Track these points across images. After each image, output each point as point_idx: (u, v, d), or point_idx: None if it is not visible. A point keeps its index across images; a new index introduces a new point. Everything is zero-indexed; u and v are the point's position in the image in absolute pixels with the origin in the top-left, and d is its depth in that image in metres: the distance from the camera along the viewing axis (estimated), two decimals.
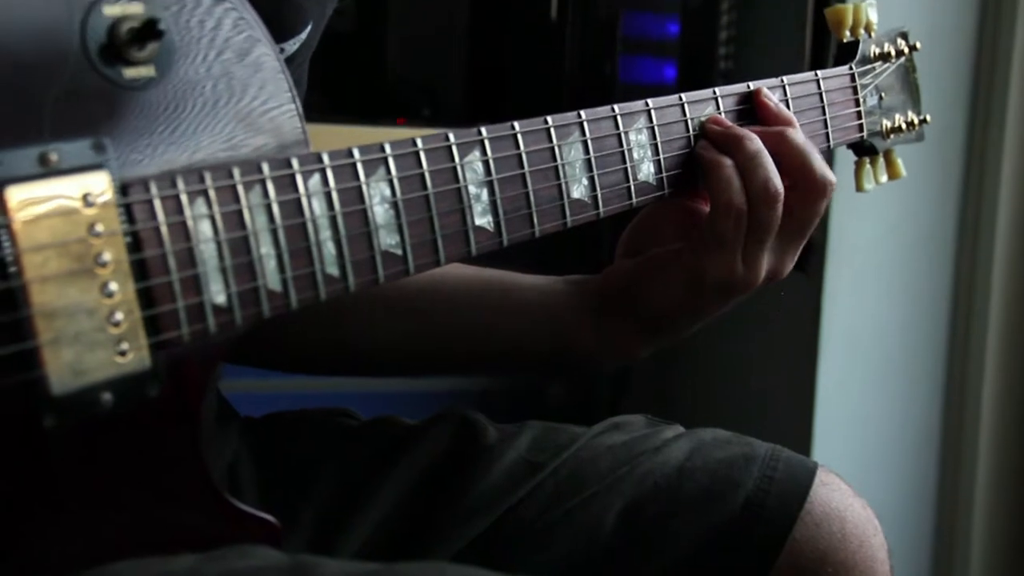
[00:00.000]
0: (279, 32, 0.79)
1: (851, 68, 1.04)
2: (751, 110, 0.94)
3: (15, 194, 0.61)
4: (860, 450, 2.07)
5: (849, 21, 1.03)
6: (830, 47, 1.89)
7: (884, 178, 1.08)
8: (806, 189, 0.91)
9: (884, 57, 1.05)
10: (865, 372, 2.07)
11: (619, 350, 0.97)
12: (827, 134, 1.00)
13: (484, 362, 1.05)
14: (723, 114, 0.92)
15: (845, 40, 1.04)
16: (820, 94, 0.99)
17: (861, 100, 1.04)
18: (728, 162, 0.89)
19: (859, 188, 1.08)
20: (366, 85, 1.96)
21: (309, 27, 0.91)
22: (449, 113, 1.95)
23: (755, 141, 0.90)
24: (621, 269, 0.95)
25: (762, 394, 2.18)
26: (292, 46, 0.89)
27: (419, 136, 0.76)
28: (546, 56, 1.97)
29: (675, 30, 1.99)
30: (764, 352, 2.19)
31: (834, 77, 1.02)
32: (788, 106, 0.96)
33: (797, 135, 0.92)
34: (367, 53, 1.97)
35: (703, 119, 0.91)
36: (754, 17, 2.06)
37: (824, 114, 1.00)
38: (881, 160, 1.08)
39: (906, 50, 1.08)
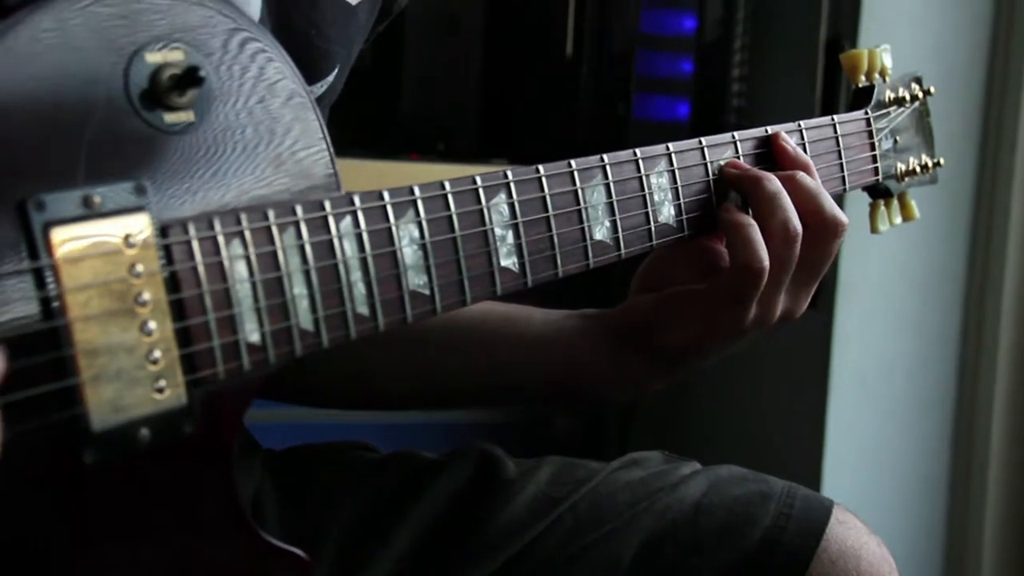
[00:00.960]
0: (308, 76, 0.81)
1: (867, 113, 1.05)
2: (768, 154, 0.96)
3: (60, 235, 0.63)
4: (870, 486, 2.07)
5: (864, 66, 1.05)
6: (841, 86, 1.91)
7: (898, 220, 1.10)
8: (819, 230, 0.92)
9: (899, 102, 1.07)
10: (875, 409, 2.07)
11: (633, 384, 0.98)
12: (843, 177, 1.02)
13: (499, 396, 1.07)
14: (741, 157, 0.94)
15: (861, 85, 1.06)
16: (837, 138, 1.01)
17: (876, 144, 1.06)
18: (749, 221, 0.90)
19: (874, 230, 1.10)
20: (381, 120, 1.97)
21: (336, 70, 0.93)
22: (463, 149, 1.96)
23: (774, 182, 0.91)
24: (639, 305, 0.96)
25: (772, 430, 2.19)
26: (320, 89, 0.91)
27: (444, 178, 0.77)
28: (560, 93, 1.98)
29: (689, 68, 2.01)
30: (774, 388, 2.20)
31: (850, 122, 1.03)
32: (805, 150, 0.97)
33: (806, 178, 0.93)
34: (382, 88, 1.99)
35: (722, 162, 0.93)
36: (767, 56, 2.08)
37: (841, 158, 1.02)
38: (895, 202, 1.10)
39: (920, 94, 1.09)
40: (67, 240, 0.63)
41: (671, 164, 0.90)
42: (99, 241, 0.65)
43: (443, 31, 2.08)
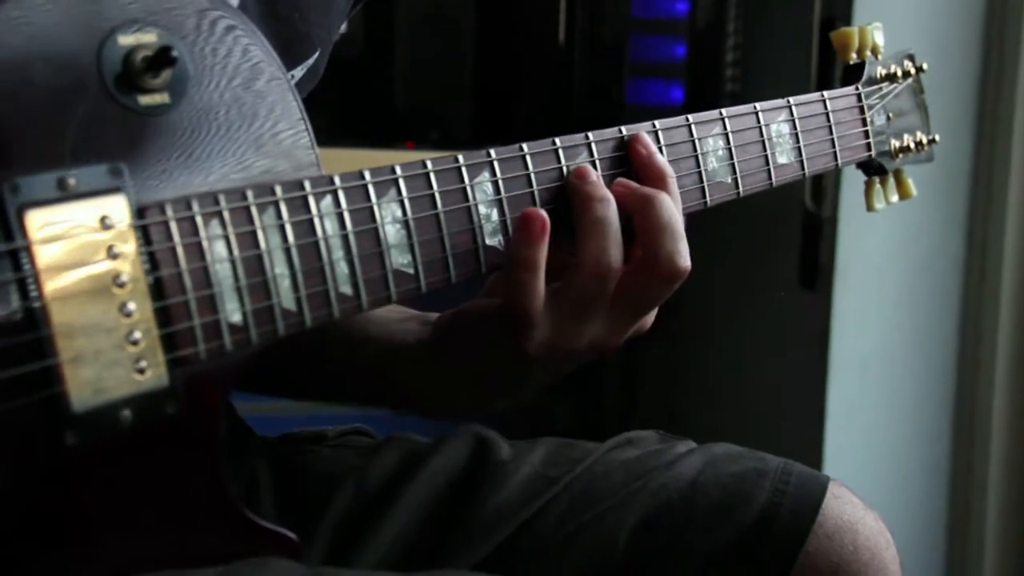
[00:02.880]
0: (287, 59, 0.81)
1: (857, 88, 1.05)
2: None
3: (35, 218, 0.63)
4: (871, 466, 2.07)
5: (855, 43, 1.04)
6: (835, 68, 1.91)
7: (895, 198, 1.09)
8: (651, 267, 0.83)
9: (891, 78, 1.07)
10: (875, 389, 2.07)
11: (448, 400, 0.92)
12: (835, 153, 1.01)
13: (358, 394, 1.00)
14: (597, 162, 0.85)
15: (851, 62, 1.05)
16: (827, 114, 1.01)
17: (869, 120, 1.05)
18: (534, 260, 0.79)
19: (869, 208, 1.09)
20: (375, 109, 1.97)
21: (317, 53, 0.93)
22: (458, 136, 1.96)
23: (603, 205, 0.81)
24: (445, 316, 0.90)
25: (772, 412, 2.19)
26: (300, 71, 0.91)
27: (428, 158, 0.77)
28: (554, 79, 1.98)
29: (682, 52, 2.00)
30: (773, 370, 2.19)
31: (840, 97, 1.03)
32: (662, 151, 0.87)
33: (663, 204, 0.83)
34: (375, 77, 1.99)
35: (571, 168, 0.83)
36: (760, 39, 2.07)
37: (831, 134, 1.01)
38: (891, 180, 1.09)
39: (913, 71, 1.09)
40: (43, 223, 0.63)
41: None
42: (75, 223, 0.64)
43: (436, 20, 2.08)
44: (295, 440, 1.07)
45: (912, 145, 1.09)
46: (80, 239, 0.64)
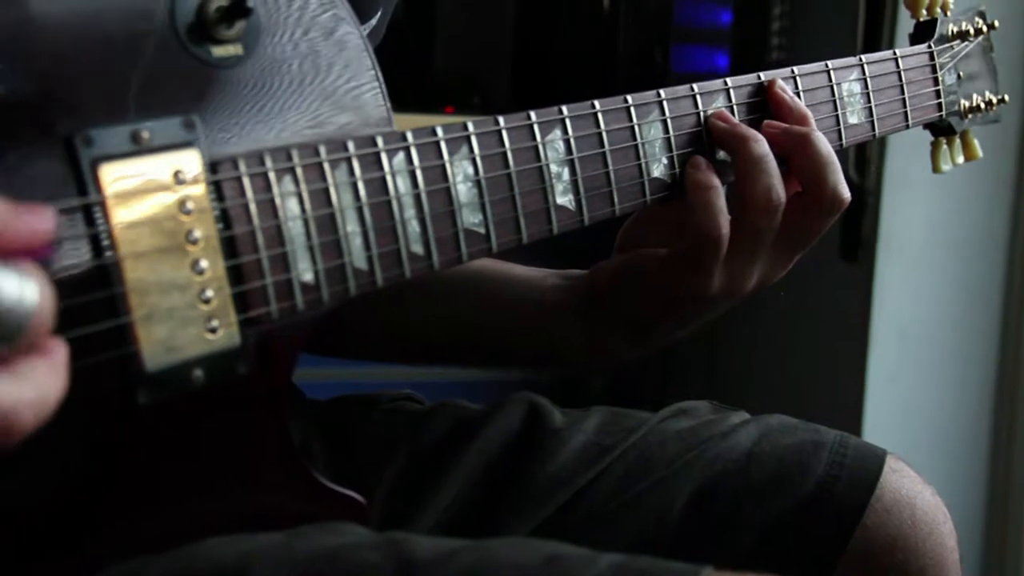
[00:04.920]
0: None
1: (930, 47, 1.03)
2: (763, 102, 0.90)
3: (108, 172, 0.62)
4: (911, 440, 2.06)
5: (926, 0, 1.02)
6: (883, 35, 1.88)
7: (960, 159, 1.07)
8: (815, 201, 0.86)
9: (962, 36, 1.04)
10: (916, 362, 2.06)
11: (603, 351, 0.94)
12: (906, 113, 0.99)
13: (475, 354, 1.02)
14: (734, 107, 0.88)
15: (922, 19, 1.03)
16: (899, 72, 0.99)
17: (940, 79, 1.03)
18: (713, 183, 0.84)
19: (936, 169, 1.07)
20: (415, 74, 1.96)
21: (379, 13, 0.91)
22: (498, 102, 1.94)
23: (760, 144, 0.85)
24: (606, 268, 0.91)
25: (811, 385, 2.17)
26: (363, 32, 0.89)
27: (497, 117, 0.75)
28: (598, 45, 1.96)
29: (727, 19, 1.98)
30: (812, 343, 2.18)
31: (912, 55, 1.01)
32: (799, 97, 0.91)
33: (820, 141, 0.87)
34: (416, 42, 1.97)
35: (709, 112, 0.86)
36: (806, 5, 2.05)
37: (903, 93, 0.99)
38: (957, 141, 1.07)
39: (984, 28, 1.07)
40: (116, 177, 0.62)
41: (730, 99, 0.87)
42: (148, 178, 0.63)
43: None
44: (346, 404, 1.06)
45: (981, 105, 1.07)
46: (153, 195, 0.63)
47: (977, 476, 2.11)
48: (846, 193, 0.87)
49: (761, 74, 0.89)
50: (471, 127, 0.73)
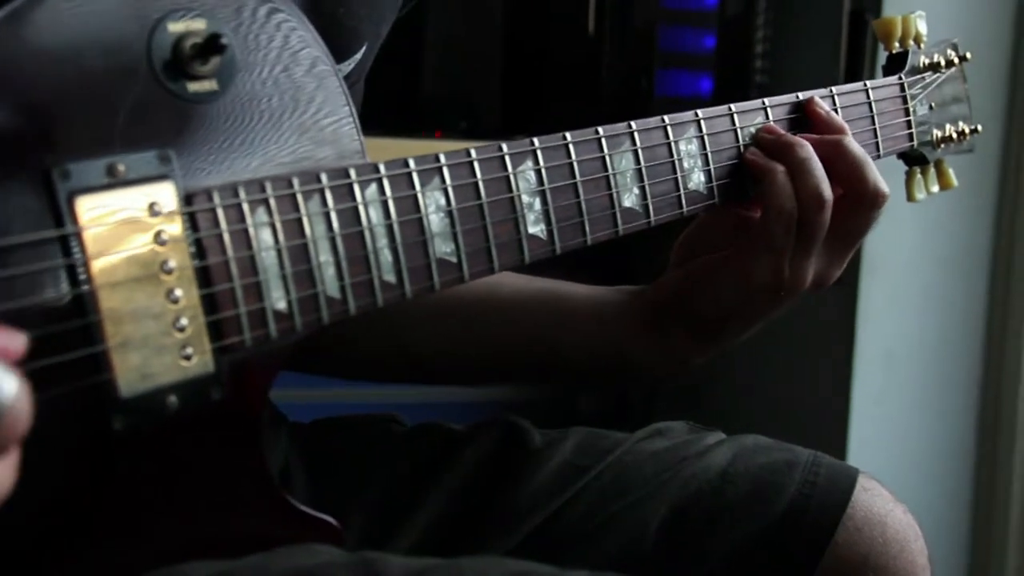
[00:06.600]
0: (336, 53, 0.81)
1: (900, 78, 1.05)
2: (799, 120, 0.95)
3: (85, 204, 0.63)
4: (896, 460, 2.07)
5: (898, 32, 1.04)
6: (865, 60, 1.90)
7: (935, 188, 1.09)
8: (858, 198, 0.93)
9: (934, 67, 1.06)
10: (900, 382, 2.07)
11: (676, 358, 0.98)
12: (876, 143, 1.01)
13: (535, 372, 1.06)
14: (773, 123, 0.94)
15: (894, 51, 1.05)
16: (870, 103, 1.01)
17: (911, 110, 1.05)
18: (779, 167, 0.90)
19: (910, 198, 1.09)
20: (404, 99, 1.97)
21: (364, 48, 0.93)
22: (486, 127, 1.96)
23: (806, 148, 0.91)
24: (672, 278, 0.97)
25: (797, 405, 2.18)
26: (348, 66, 0.91)
27: (469, 147, 0.77)
28: (583, 70, 1.97)
29: (711, 43, 2.00)
30: (799, 363, 2.19)
31: (883, 87, 1.03)
32: (837, 114, 0.97)
33: (853, 144, 0.93)
34: (405, 67, 1.98)
35: (755, 128, 0.93)
36: (789, 30, 2.06)
37: (874, 123, 1.01)
38: (932, 170, 1.09)
39: (956, 60, 1.08)
40: (92, 208, 0.64)
41: (700, 130, 0.89)
42: (124, 209, 0.65)
43: (465, 9, 2.07)
44: (327, 426, 1.07)
45: (954, 135, 1.08)
46: (129, 226, 0.65)
47: (962, 496, 2.12)
48: (885, 187, 0.93)
49: (732, 106, 0.93)
50: (443, 158, 0.75)
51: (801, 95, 0.96)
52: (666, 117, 0.87)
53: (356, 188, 0.72)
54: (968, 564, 2.12)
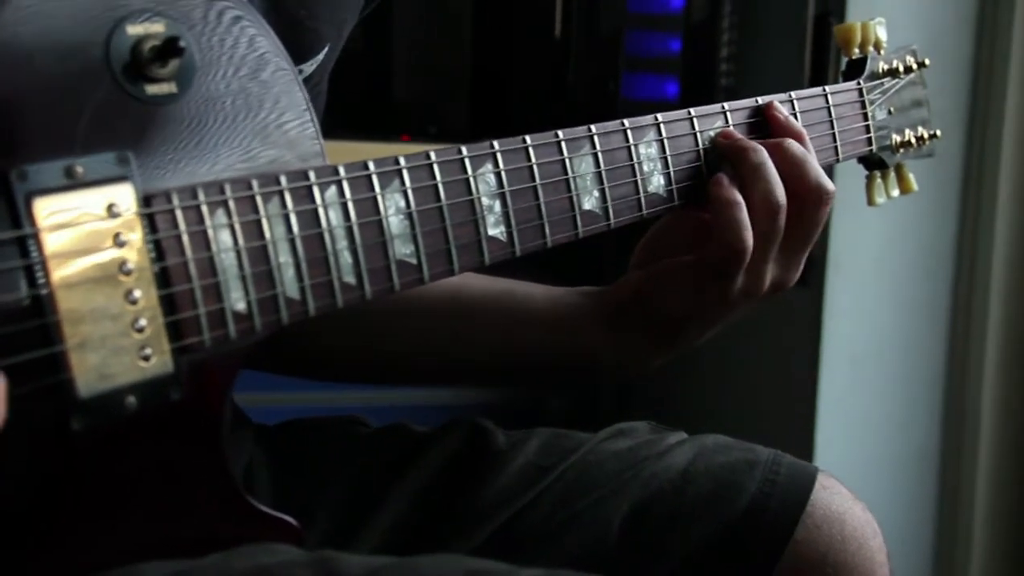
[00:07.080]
0: (297, 54, 0.82)
1: (859, 83, 1.06)
2: (759, 124, 0.96)
3: (42, 205, 0.64)
4: (861, 459, 2.08)
5: (858, 38, 1.05)
6: (830, 63, 1.92)
7: (896, 192, 1.10)
8: (803, 198, 0.93)
9: (893, 73, 1.07)
10: (866, 381, 2.08)
11: (633, 361, 0.99)
12: (836, 148, 1.02)
13: (498, 372, 1.07)
14: (732, 128, 0.94)
15: (854, 57, 1.06)
16: (828, 108, 1.02)
17: (870, 115, 1.06)
18: (736, 199, 0.90)
19: (870, 202, 1.10)
20: (372, 103, 1.98)
21: (326, 49, 0.93)
22: (454, 130, 1.97)
23: (759, 152, 0.92)
24: (632, 280, 0.97)
25: (764, 405, 2.20)
26: (310, 67, 0.92)
27: (432, 150, 0.78)
28: (550, 73, 1.99)
29: (677, 47, 2.01)
30: (766, 364, 2.20)
31: (842, 92, 1.04)
32: (797, 119, 0.98)
33: (793, 145, 0.94)
34: (373, 72, 1.99)
35: (715, 132, 0.93)
36: (755, 35, 2.08)
37: (832, 128, 1.02)
38: (892, 174, 1.10)
39: (915, 66, 1.09)
40: (50, 210, 0.64)
41: (660, 134, 0.90)
42: (82, 211, 0.65)
43: (433, 14, 2.08)
44: (292, 428, 1.07)
45: (913, 140, 1.09)
46: (87, 227, 0.65)
47: (927, 494, 2.13)
48: (829, 184, 0.94)
49: (691, 110, 0.93)
50: (402, 161, 0.75)
51: (760, 100, 0.97)
52: (626, 121, 0.88)
53: (316, 190, 0.72)
54: (933, 562, 2.14)
